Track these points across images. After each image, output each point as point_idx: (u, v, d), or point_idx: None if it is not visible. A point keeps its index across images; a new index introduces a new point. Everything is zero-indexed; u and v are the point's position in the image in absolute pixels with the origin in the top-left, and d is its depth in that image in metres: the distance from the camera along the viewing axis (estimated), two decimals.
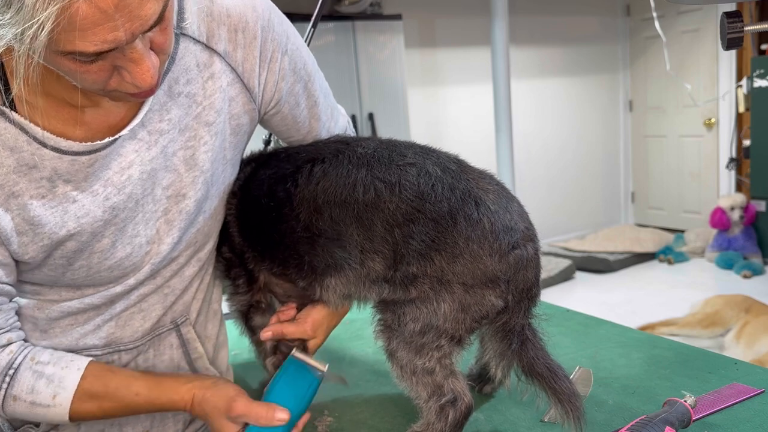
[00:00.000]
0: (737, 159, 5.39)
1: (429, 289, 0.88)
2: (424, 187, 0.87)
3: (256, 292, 1.05)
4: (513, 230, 0.89)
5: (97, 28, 0.64)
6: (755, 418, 0.96)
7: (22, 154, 0.79)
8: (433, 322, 0.88)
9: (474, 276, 0.87)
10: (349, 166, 0.91)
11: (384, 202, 0.87)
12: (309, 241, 0.92)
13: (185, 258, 0.98)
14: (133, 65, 0.71)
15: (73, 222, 0.84)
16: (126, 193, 0.87)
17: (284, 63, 0.96)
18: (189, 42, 0.88)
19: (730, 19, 0.97)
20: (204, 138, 0.91)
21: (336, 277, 0.93)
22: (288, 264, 0.97)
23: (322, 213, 0.90)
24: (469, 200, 0.87)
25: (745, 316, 3.36)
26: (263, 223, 0.97)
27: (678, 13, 5.57)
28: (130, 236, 0.89)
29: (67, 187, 0.83)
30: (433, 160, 0.91)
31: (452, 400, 0.90)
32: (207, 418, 0.93)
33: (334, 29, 4.17)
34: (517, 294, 0.90)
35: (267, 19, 0.93)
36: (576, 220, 6.07)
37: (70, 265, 0.87)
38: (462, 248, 0.86)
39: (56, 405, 0.87)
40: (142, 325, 0.97)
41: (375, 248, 0.89)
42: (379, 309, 0.95)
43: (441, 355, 0.90)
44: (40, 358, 0.88)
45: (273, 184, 0.96)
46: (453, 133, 5.25)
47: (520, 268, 0.89)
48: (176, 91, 0.88)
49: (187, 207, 0.93)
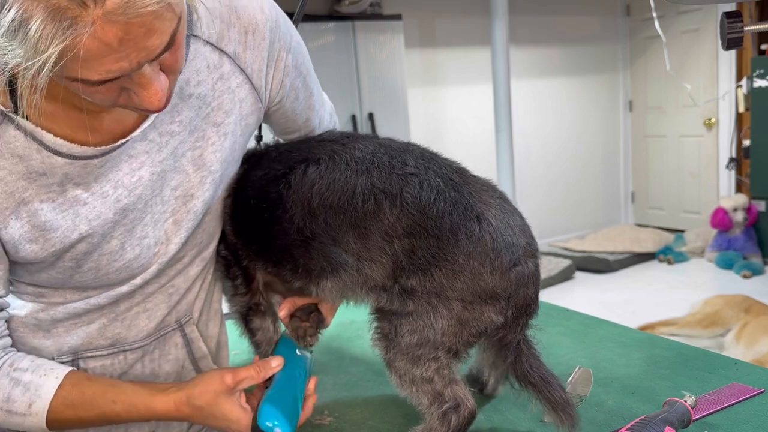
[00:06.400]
0: (737, 159, 5.39)
1: (427, 304, 0.87)
2: (426, 201, 0.86)
3: (255, 294, 1.04)
4: (515, 246, 0.88)
5: (102, 59, 0.63)
6: (755, 418, 0.96)
7: (31, 162, 0.78)
8: (430, 336, 0.88)
9: (474, 293, 0.86)
10: (347, 171, 0.89)
11: (384, 213, 0.86)
12: (303, 245, 0.91)
13: (190, 258, 0.98)
14: (140, 89, 0.70)
15: (85, 225, 0.83)
16: (136, 195, 0.86)
17: (288, 61, 0.96)
18: (199, 43, 0.88)
19: (730, 19, 0.97)
20: (212, 138, 0.91)
21: (332, 279, 0.92)
22: (282, 265, 0.96)
23: (317, 217, 0.89)
24: (471, 216, 0.86)
25: (745, 317, 3.36)
26: (256, 224, 0.96)
27: (678, 13, 5.57)
28: (139, 237, 0.89)
29: (77, 190, 0.82)
30: (435, 170, 0.89)
31: (455, 406, 0.90)
32: (203, 411, 0.89)
33: (334, 29, 4.17)
34: (516, 310, 0.89)
35: (274, 20, 0.93)
36: (576, 220, 6.06)
37: (79, 267, 0.87)
38: (463, 265, 0.85)
39: (32, 414, 0.85)
40: (147, 324, 0.97)
41: (372, 257, 0.88)
42: (376, 317, 0.94)
43: (438, 366, 0.90)
44: (19, 365, 0.86)
45: (265, 185, 0.95)
46: (453, 133, 5.25)
47: (521, 285, 0.88)
48: (187, 93, 0.88)
49: (195, 207, 0.92)
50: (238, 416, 0.89)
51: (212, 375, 0.92)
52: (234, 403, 0.90)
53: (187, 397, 0.89)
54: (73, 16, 0.60)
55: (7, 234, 0.80)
